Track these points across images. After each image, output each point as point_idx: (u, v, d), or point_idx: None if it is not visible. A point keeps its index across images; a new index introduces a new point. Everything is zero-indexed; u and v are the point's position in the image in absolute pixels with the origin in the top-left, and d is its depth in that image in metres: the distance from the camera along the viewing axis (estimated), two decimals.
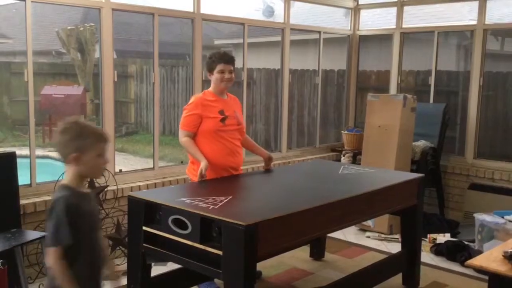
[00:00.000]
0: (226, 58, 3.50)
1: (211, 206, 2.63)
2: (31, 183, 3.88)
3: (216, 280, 3.41)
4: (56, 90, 9.35)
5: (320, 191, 3.25)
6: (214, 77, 3.50)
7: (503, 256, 2.36)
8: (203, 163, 3.27)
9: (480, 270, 2.45)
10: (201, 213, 2.54)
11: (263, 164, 3.88)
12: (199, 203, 2.69)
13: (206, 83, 5.14)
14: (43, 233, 3.23)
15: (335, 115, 6.68)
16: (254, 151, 3.89)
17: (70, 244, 1.93)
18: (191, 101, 3.53)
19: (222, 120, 3.46)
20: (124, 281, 3.14)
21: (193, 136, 3.46)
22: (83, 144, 2.00)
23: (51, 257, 1.93)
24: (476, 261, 2.41)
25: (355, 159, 5.69)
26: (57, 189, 2.05)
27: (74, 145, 1.99)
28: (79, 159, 2.00)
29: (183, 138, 3.45)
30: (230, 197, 2.85)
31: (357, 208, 3.18)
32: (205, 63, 3.62)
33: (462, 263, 4.07)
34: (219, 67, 3.48)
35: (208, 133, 3.44)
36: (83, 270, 2.00)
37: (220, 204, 2.70)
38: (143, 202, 2.82)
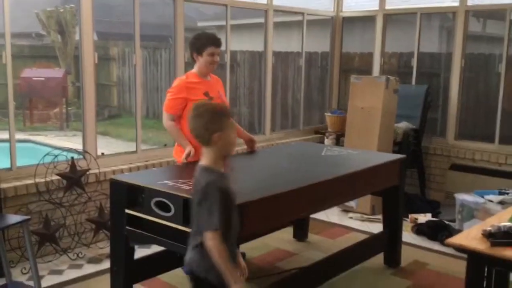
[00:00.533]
0: (217, 41, 3.47)
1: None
2: (11, 167, 3.83)
3: None
4: (36, 73, 9.19)
5: (303, 172, 3.26)
6: (204, 59, 3.45)
7: (482, 234, 2.39)
8: (188, 148, 3.27)
9: (460, 248, 2.49)
10: (184, 195, 2.54)
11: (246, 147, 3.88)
12: (182, 185, 2.69)
13: (188, 65, 5.09)
14: (24, 217, 3.20)
15: (319, 98, 6.69)
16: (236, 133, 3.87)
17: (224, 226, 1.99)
18: (175, 83, 3.50)
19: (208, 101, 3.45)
20: (107, 264, 3.14)
21: (178, 119, 3.44)
22: (221, 122, 2.08)
23: (210, 241, 1.97)
24: (456, 239, 2.45)
25: (339, 141, 5.71)
26: (202, 172, 2.08)
27: (215, 125, 2.06)
28: (221, 137, 2.06)
29: (167, 121, 3.44)
30: None
31: (339, 189, 3.21)
32: (190, 43, 3.54)
33: (442, 243, 4.14)
34: (210, 49, 3.43)
35: None
36: (229, 249, 2.04)
37: None
38: (125, 185, 2.81)
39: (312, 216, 4.45)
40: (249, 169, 3.45)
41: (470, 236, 2.44)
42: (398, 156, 3.89)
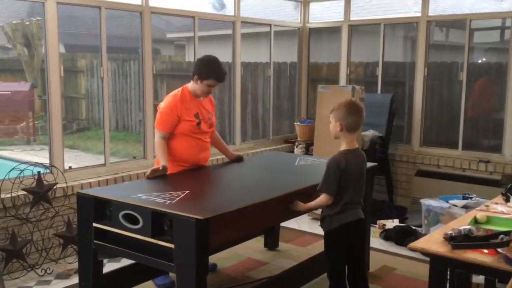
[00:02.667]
0: (222, 77, 3.44)
1: (168, 201, 2.63)
2: None
3: (171, 274, 3.42)
4: (1, 87, 9.02)
5: (276, 183, 3.29)
6: (201, 86, 3.42)
7: (443, 238, 2.47)
8: (162, 165, 3.24)
9: (423, 252, 2.56)
10: (151, 207, 2.54)
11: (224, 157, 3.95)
12: (156, 198, 2.67)
13: (157, 77, 5.09)
14: None
15: (288, 107, 6.76)
16: (222, 151, 3.92)
17: None
18: (168, 100, 3.46)
19: (198, 124, 3.47)
20: (76, 279, 3.11)
21: (170, 136, 3.44)
22: None
23: None
24: (418, 243, 2.51)
25: (308, 149, 5.79)
26: (361, 151, 3.07)
27: None
28: None
29: (158, 139, 3.42)
30: (187, 191, 2.85)
31: (309, 199, 3.24)
32: (196, 63, 3.50)
33: None
34: (211, 81, 3.40)
35: (184, 134, 3.45)
36: None
37: (177, 199, 2.69)
38: (92, 199, 2.78)
39: (283, 224, 4.49)
40: (223, 181, 3.48)
41: (432, 239, 2.51)
42: (369, 164, 3.95)
